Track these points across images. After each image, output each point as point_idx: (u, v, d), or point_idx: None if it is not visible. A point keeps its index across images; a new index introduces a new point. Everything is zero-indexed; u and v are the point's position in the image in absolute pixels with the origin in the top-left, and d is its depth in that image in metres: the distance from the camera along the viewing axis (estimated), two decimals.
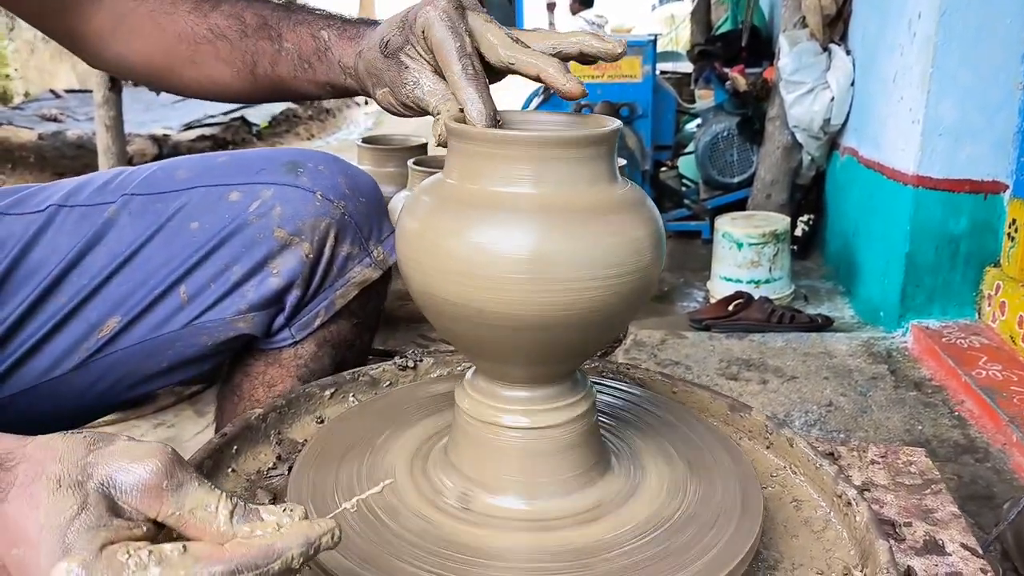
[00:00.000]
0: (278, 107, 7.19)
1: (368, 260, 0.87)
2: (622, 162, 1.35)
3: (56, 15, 0.80)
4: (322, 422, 0.87)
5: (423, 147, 1.49)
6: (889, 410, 2.04)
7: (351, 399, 0.90)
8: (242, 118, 6.42)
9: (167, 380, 0.88)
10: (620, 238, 0.58)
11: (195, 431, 1.89)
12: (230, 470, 0.77)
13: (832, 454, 0.90)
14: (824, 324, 2.67)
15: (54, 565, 0.38)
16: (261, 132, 6.48)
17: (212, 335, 0.83)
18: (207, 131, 5.92)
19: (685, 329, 2.70)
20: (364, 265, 0.87)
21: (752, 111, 3.60)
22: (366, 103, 9.44)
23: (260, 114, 6.74)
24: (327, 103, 8.05)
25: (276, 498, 0.74)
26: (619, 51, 0.60)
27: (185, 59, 0.81)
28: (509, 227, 0.57)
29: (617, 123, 0.63)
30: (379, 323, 0.97)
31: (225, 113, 6.38)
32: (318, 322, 0.87)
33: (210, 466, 0.75)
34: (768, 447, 0.82)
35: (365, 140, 1.51)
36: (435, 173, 1.26)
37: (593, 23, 6.67)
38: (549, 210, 0.57)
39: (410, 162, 1.31)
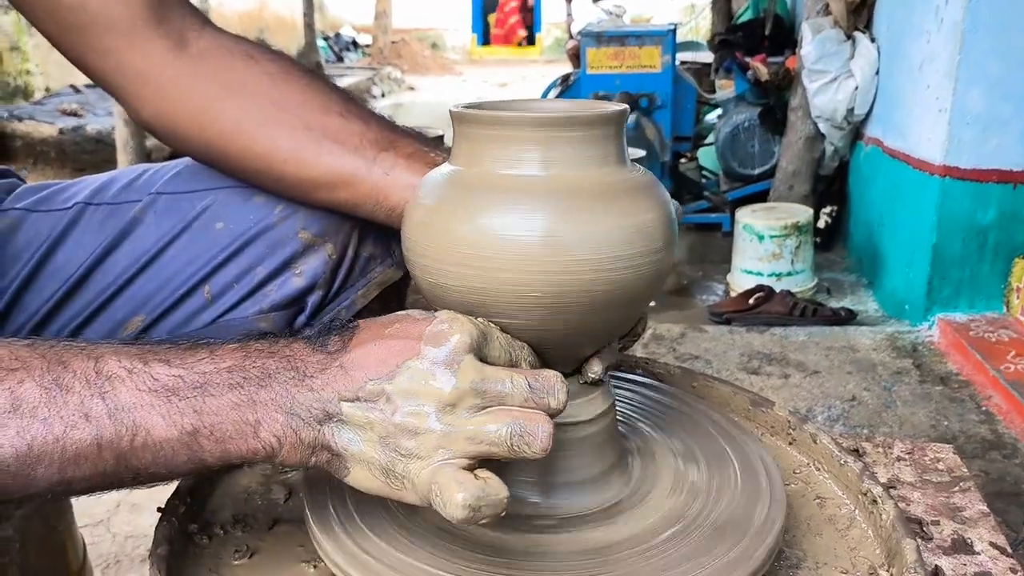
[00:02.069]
0: None
1: (390, 260, 0.87)
2: (641, 153, 1.34)
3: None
4: None
5: (439, 139, 1.48)
6: (914, 405, 2.01)
7: None
8: None
9: None
10: (630, 221, 0.57)
11: None
12: (245, 465, 0.77)
13: (857, 450, 0.88)
14: (847, 318, 2.63)
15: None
16: None
17: (234, 334, 0.83)
18: None
19: (705, 323, 2.67)
20: (386, 265, 0.87)
21: (774, 101, 3.55)
22: (382, 95, 9.46)
23: None
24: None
25: (291, 493, 0.74)
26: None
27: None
28: (518, 211, 0.56)
29: (624, 105, 0.62)
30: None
31: None
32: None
33: None
34: (791, 443, 0.80)
35: None
36: None
37: (611, 12, 6.62)
38: (558, 193, 0.56)
39: None
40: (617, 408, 0.71)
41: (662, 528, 0.62)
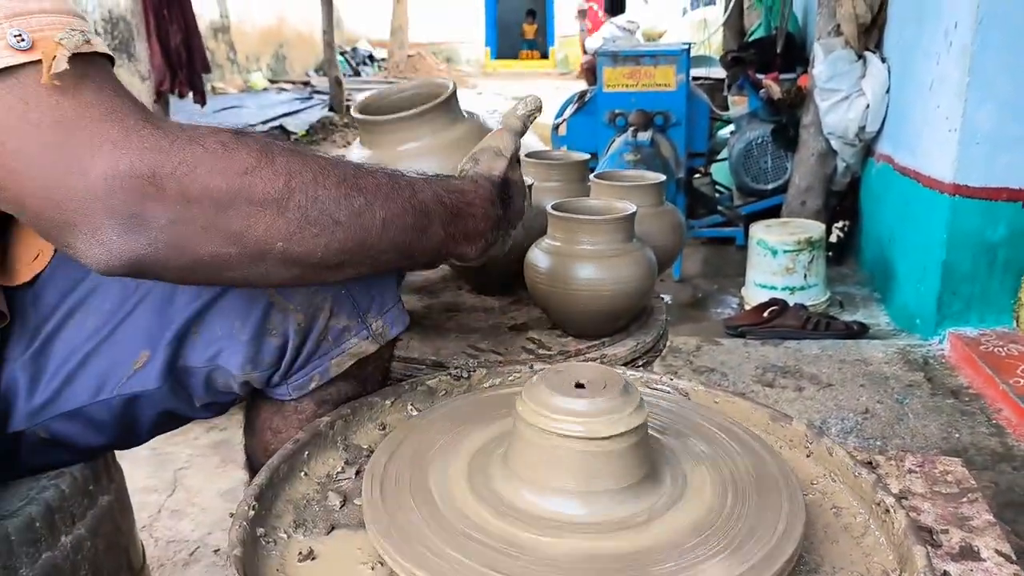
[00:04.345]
0: (315, 116, 7.31)
1: (365, 333, 0.88)
2: (662, 177, 1.40)
3: None
4: (384, 429, 0.92)
5: None
6: (926, 418, 2.05)
7: (410, 408, 0.96)
8: (281, 127, 6.54)
9: (196, 414, 0.92)
10: None
11: None
12: (303, 474, 0.83)
13: (871, 463, 0.93)
14: (860, 331, 2.68)
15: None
16: (300, 140, 6.60)
17: (222, 379, 0.86)
18: None
19: (720, 336, 2.72)
20: (361, 337, 0.88)
21: (786, 118, 3.61)
22: None
23: (298, 123, 6.86)
24: None
25: (346, 500, 0.80)
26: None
27: None
28: None
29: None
30: (387, 377, 0.99)
31: (265, 122, 6.50)
32: (313, 385, 0.89)
33: (286, 470, 0.81)
34: (808, 455, 0.85)
35: None
36: None
37: (624, 28, 6.70)
38: None
39: None
40: (650, 422, 0.76)
41: (688, 536, 0.67)
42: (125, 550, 0.99)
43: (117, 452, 1.01)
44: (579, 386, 0.72)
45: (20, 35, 0.57)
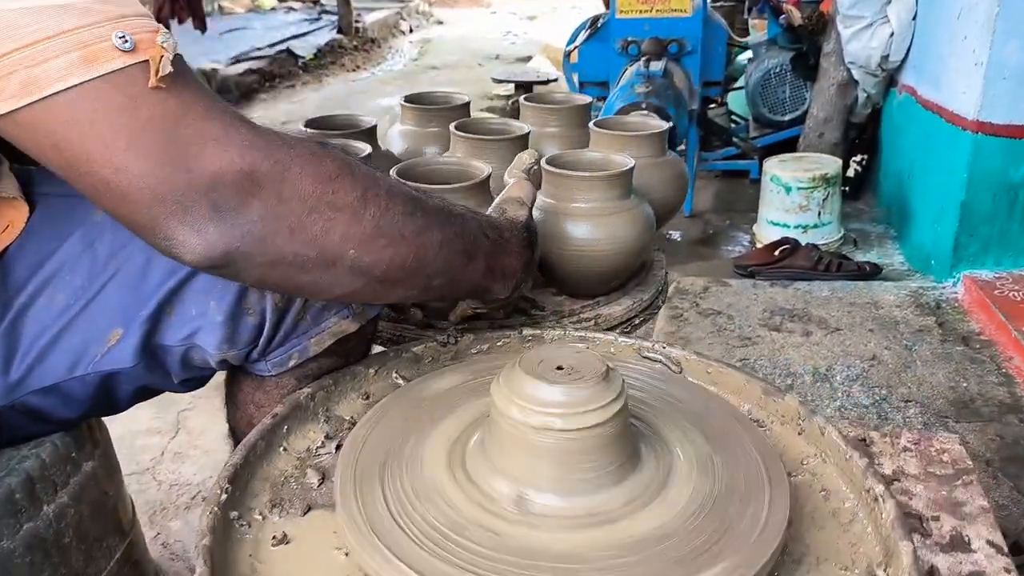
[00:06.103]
0: (323, 38, 7.14)
1: (346, 312, 0.87)
2: (665, 126, 1.33)
3: None
4: (368, 398, 0.91)
5: (466, 107, 1.48)
6: (934, 366, 2.02)
7: (394, 376, 0.94)
8: (288, 50, 6.40)
9: (175, 389, 0.90)
10: None
11: None
12: (282, 449, 0.82)
13: (864, 440, 0.90)
14: (872, 272, 2.63)
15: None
16: (308, 64, 6.46)
17: (199, 357, 0.84)
18: (254, 64, 5.92)
19: (729, 275, 2.69)
20: (341, 316, 0.87)
21: (807, 46, 3.46)
22: (411, 31, 9.30)
23: (306, 46, 6.71)
24: (371, 32, 7.97)
25: (324, 477, 0.79)
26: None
27: None
28: None
29: None
30: (369, 348, 0.98)
31: (271, 45, 6.36)
32: (292, 363, 0.88)
33: (263, 447, 0.80)
34: (800, 433, 0.83)
35: (407, 99, 1.50)
36: (478, 138, 1.26)
37: None
38: None
39: (452, 126, 1.31)
40: (634, 401, 0.74)
41: (670, 529, 0.65)
42: (112, 512, 1.00)
43: None
44: (558, 369, 0.70)
45: (124, 37, 0.59)
